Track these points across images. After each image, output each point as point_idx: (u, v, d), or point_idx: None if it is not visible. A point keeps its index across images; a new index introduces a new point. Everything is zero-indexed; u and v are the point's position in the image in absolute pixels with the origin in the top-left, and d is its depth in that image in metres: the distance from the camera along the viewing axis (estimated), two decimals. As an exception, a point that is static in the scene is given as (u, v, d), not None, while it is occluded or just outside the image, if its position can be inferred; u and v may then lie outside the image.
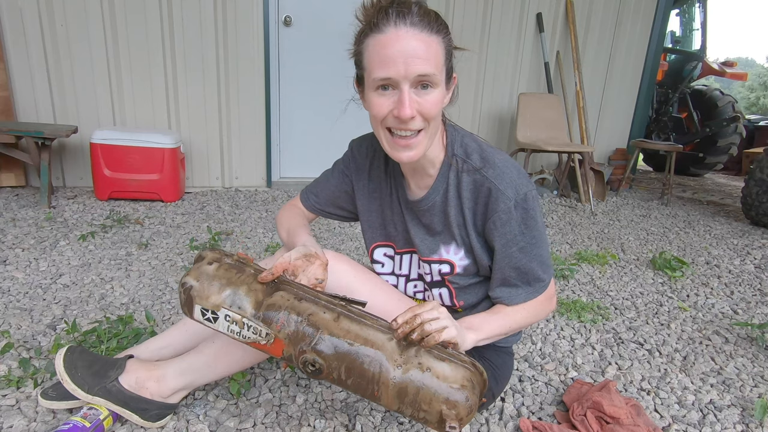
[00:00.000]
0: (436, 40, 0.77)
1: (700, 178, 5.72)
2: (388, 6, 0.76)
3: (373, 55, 0.78)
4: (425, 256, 0.99)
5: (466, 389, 0.78)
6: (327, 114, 3.52)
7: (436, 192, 0.93)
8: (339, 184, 1.09)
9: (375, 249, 1.09)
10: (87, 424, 0.94)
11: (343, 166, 1.09)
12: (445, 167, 0.92)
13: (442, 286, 1.01)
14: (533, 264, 0.92)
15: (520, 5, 3.72)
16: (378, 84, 0.78)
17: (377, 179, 1.04)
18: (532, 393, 1.27)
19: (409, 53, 0.75)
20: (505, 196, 0.86)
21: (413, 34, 0.75)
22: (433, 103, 0.79)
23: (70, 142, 3.01)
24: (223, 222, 2.61)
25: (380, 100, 0.79)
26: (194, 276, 0.86)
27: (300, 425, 1.07)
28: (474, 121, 3.87)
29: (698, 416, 1.21)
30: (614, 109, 4.26)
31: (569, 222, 3.08)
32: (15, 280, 1.71)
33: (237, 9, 3.10)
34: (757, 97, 22.44)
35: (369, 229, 1.08)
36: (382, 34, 0.76)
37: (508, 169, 0.88)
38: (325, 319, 0.82)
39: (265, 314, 0.83)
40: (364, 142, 1.06)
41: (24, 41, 2.81)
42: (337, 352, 0.80)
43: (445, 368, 0.79)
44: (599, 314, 1.76)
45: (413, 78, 0.76)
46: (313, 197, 1.13)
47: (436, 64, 0.77)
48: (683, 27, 5.73)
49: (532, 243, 0.90)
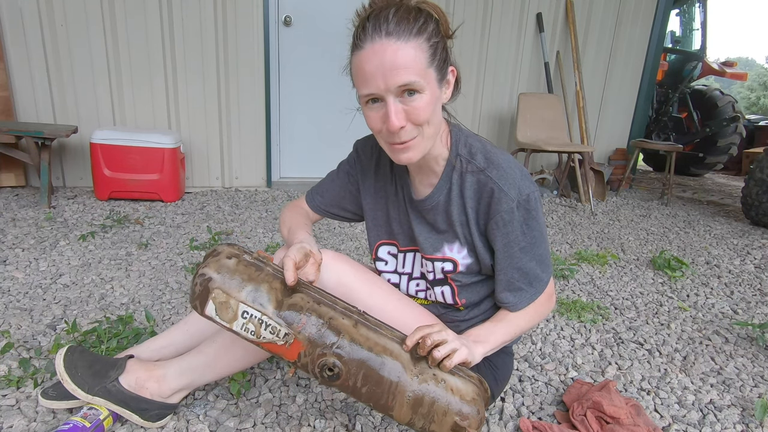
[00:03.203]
0: (415, 44, 0.76)
1: (700, 178, 5.72)
2: (365, 19, 0.77)
3: (356, 72, 0.79)
4: (429, 254, 0.99)
5: (476, 403, 0.80)
6: (327, 114, 3.52)
7: (440, 191, 0.94)
8: (344, 184, 1.10)
9: (379, 247, 1.09)
10: (87, 424, 0.94)
11: (349, 167, 1.10)
12: (449, 167, 0.93)
13: (444, 284, 1.01)
14: (533, 263, 0.92)
15: (520, 5, 3.72)
16: (365, 100, 0.80)
17: (383, 178, 1.05)
18: (532, 393, 1.27)
19: (386, 66, 0.74)
20: (507, 197, 0.86)
21: (389, 45, 0.74)
22: (422, 108, 0.79)
23: (70, 142, 3.02)
24: (223, 222, 2.61)
25: (371, 114, 0.81)
26: (214, 268, 0.81)
27: (300, 425, 1.07)
28: (474, 121, 3.87)
29: (698, 416, 1.21)
30: (614, 109, 4.26)
31: (569, 222, 3.08)
32: (15, 280, 1.71)
33: (237, 9, 3.10)
34: (757, 97, 22.43)
35: (374, 227, 1.09)
36: (361, 51, 0.77)
37: (512, 170, 0.88)
38: (345, 324, 0.81)
39: (287, 314, 0.80)
40: (369, 143, 1.07)
41: (24, 41, 2.81)
42: (357, 358, 0.79)
43: (457, 382, 0.80)
44: (599, 314, 1.76)
45: (395, 89, 0.76)
46: (318, 198, 1.14)
47: (418, 69, 0.76)
48: (683, 27, 5.73)
49: (532, 243, 0.90)
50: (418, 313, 1.01)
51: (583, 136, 3.93)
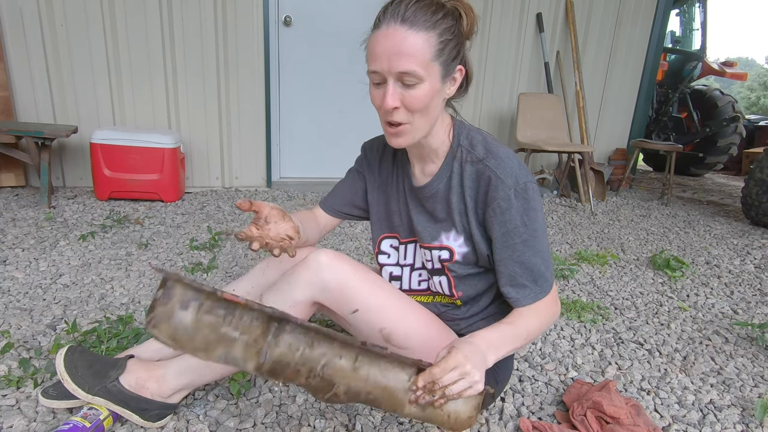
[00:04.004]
0: (425, 36, 0.79)
1: (700, 178, 5.72)
2: (389, 3, 0.82)
3: (369, 49, 0.84)
4: (427, 242, 1.01)
5: (473, 418, 0.82)
6: (327, 114, 3.52)
7: (440, 179, 0.97)
8: (354, 182, 1.16)
9: (382, 241, 1.13)
10: (87, 424, 0.94)
11: (357, 166, 1.16)
12: (450, 156, 0.96)
13: (441, 274, 1.03)
14: (537, 259, 0.91)
15: (520, 5, 3.72)
16: (372, 77, 0.84)
17: (386, 171, 1.10)
18: (532, 393, 1.27)
19: (393, 51, 0.79)
20: (504, 184, 0.88)
21: (400, 32, 0.79)
22: (417, 98, 0.82)
23: (70, 142, 3.02)
24: (223, 222, 2.61)
25: (375, 92, 0.86)
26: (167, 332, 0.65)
27: (300, 425, 1.07)
28: (474, 121, 3.87)
29: (698, 416, 1.22)
30: (614, 109, 4.25)
31: (569, 222, 3.08)
32: (15, 280, 1.71)
33: (237, 9, 3.10)
34: (757, 97, 22.44)
35: (377, 221, 1.13)
36: (377, 31, 0.82)
37: (510, 160, 0.91)
38: (342, 368, 0.75)
39: (271, 370, 0.71)
40: (375, 142, 1.14)
41: (24, 41, 2.81)
42: (353, 398, 0.78)
43: (458, 404, 0.81)
44: (599, 314, 1.76)
45: (395, 74, 0.80)
46: (331, 199, 1.19)
47: (421, 60, 0.80)
48: (683, 27, 5.73)
49: (534, 236, 0.90)
50: (418, 312, 1.01)
51: (583, 136, 3.93)
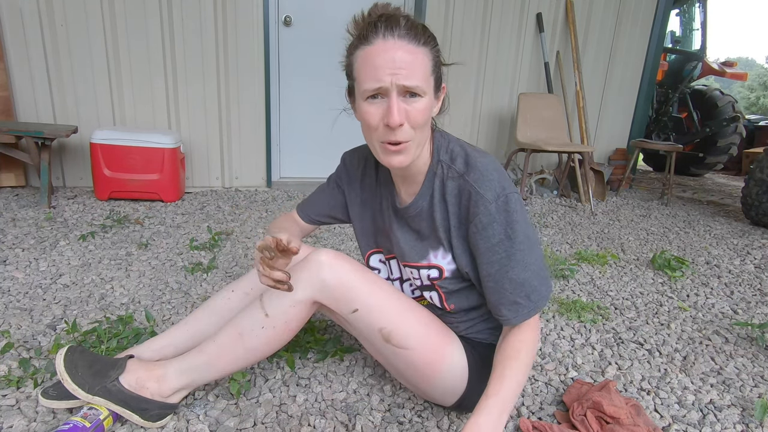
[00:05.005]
0: (422, 51, 0.80)
1: (700, 178, 5.72)
2: (377, 19, 0.80)
3: (362, 65, 0.81)
4: (414, 261, 1.01)
5: None
6: (327, 114, 3.52)
7: (422, 198, 0.95)
8: (333, 194, 1.16)
9: (370, 256, 1.14)
10: (87, 424, 0.94)
11: (336, 177, 1.15)
12: (431, 173, 0.94)
13: (432, 289, 1.03)
14: (527, 274, 0.88)
15: (520, 5, 3.72)
16: (368, 94, 0.81)
17: (369, 188, 1.09)
18: (532, 393, 1.27)
19: (396, 63, 0.78)
20: (484, 198, 0.86)
21: (400, 46, 0.78)
22: (421, 112, 0.81)
23: (70, 142, 3.02)
24: (223, 222, 2.61)
25: (370, 109, 0.82)
26: None
27: (300, 425, 1.07)
28: (474, 121, 3.87)
29: (698, 416, 1.21)
30: (614, 109, 4.26)
31: (569, 222, 3.08)
32: (15, 280, 1.71)
33: (237, 9, 3.10)
34: (757, 97, 22.45)
35: (363, 236, 1.13)
36: (371, 46, 0.79)
37: (489, 172, 0.88)
38: None
39: None
40: (356, 153, 1.12)
41: (24, 41, 2.81)
42: None
43: None
44: (599, 314, 1.76)
45: (400, 87, 0.79)
46: (308, 208, 1.20)
47: (423, 74, 0.80)
48: (683, 27, 5.73)
49: (520, 249, 0.86)
50: (418, 313, 1.01)
51: (583, 136, 3.93)
